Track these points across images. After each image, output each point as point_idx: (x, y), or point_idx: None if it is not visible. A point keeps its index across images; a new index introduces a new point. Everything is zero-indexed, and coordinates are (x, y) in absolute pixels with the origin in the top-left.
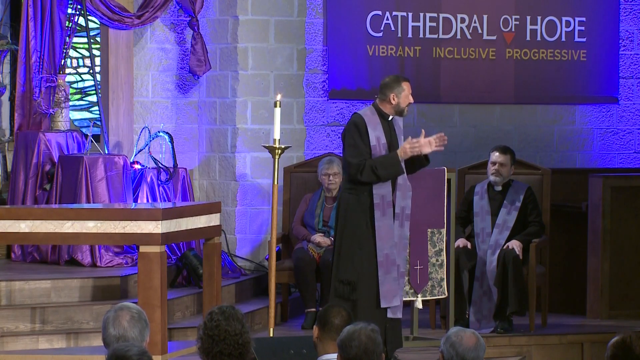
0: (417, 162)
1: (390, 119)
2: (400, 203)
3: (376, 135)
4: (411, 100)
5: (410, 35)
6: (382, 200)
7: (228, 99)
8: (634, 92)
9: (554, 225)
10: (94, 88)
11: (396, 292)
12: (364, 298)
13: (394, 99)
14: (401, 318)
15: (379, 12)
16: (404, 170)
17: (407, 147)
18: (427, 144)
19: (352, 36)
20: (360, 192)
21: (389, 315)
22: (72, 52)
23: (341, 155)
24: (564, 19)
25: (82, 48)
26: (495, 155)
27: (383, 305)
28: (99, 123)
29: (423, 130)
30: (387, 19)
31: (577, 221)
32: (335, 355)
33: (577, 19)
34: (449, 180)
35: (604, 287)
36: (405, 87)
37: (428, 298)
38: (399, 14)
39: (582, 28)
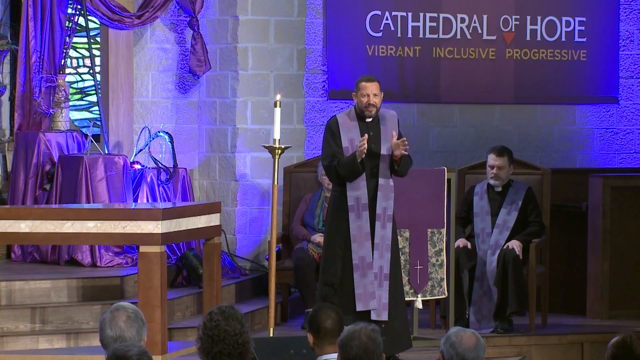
0: (390, 165)
1: (369, 119)
2: (382, 204)
3: (349, 138)
4: (370, 101)
5: (410, 35)
6: (356, 202)
7: (228, 99)
8: (634, 92)
9: (554, 225)
10: (94, 88)
11: (373, 295)
12: (344, 301)
13: (355, 98)
14: (390, 320)
15: (379, 12)
16: (362, 170)
17: (358, 147)
18: (396, 147)
19: (352, 36)
20: (343, 195)
21: (373, 317)
22: (72, 52)
23: None
24: (564, 19)
25: (82, 48)
26: (492, 159)
27: (358, 308)
28: (99, 123)
29: (394, 132)
30: (387, 19)
31: (577, 221)
32: (334, 355)
33: (577, 19)
34: (449, 180)
35: (604, 287)
36: (362, 87)
37: (428, 298)
38: (399, 14)
39: (582, 28)
